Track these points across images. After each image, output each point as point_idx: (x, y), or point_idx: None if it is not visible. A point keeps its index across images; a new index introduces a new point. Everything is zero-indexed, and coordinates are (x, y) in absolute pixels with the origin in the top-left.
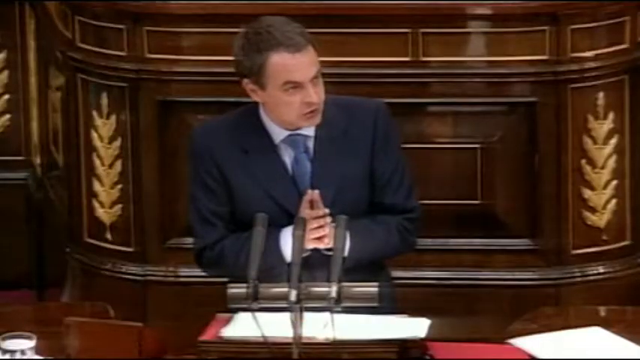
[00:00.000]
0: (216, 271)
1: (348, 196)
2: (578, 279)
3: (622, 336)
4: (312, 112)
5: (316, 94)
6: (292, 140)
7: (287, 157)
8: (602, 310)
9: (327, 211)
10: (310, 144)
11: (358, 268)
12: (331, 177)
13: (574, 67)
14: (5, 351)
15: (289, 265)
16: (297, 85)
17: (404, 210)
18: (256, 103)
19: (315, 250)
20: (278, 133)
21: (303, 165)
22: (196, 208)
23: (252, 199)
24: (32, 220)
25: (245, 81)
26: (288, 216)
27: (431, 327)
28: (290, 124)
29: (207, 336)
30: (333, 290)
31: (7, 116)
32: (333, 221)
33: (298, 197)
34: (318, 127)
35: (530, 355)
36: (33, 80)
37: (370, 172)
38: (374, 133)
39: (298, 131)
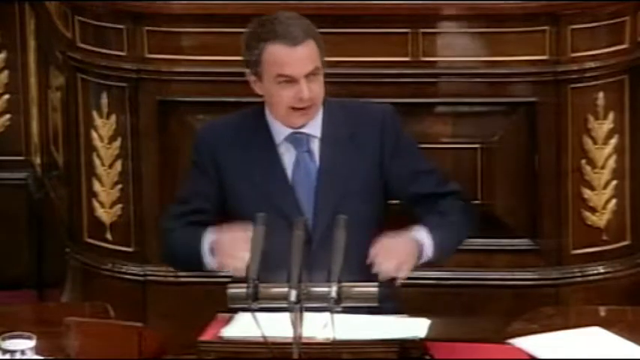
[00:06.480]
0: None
1: (350, 205)
2: (578, 279)
3: (622, 336)
4: (303, 108)
5: (309, 91)
6: (295, 138)
7: (288, 157)
8: (602, 310)
9: None
10: (313, 145)
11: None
12: (335, 182)
13: (574, 67)
14: (5, 351)
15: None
16: (289, 80)
17: (445, 194)
18: (263, 103)
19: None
20: (280, 132)
21: (304, 167)
22: (177, 201)
23: (248, 199)
24: (32, 220)
25: (247, 72)
26: (283, 218)
27: (431, 327)
28: (282, 119)
29: (207, 336)
30: (333, 290)
31: (7, 116)
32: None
33: (295, 200)
34: (323, 128)
35: (530, 355)
36: (33, 80)
37: (385, 182)
38: (381, 141)
39: (302, 130)
